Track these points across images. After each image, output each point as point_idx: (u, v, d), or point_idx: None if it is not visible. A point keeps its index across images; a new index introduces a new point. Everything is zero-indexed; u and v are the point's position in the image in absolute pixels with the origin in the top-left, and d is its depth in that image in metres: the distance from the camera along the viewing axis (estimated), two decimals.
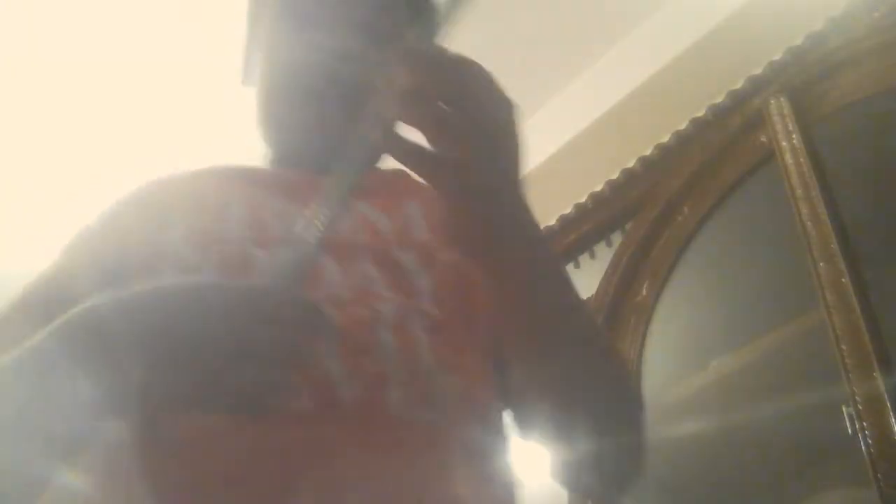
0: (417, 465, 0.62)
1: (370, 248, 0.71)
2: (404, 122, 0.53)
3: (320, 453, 0.59)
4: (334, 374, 0.62)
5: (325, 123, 0.77)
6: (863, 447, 1.14)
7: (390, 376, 0.63)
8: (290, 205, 0.72)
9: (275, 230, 0.70)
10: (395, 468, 0.61)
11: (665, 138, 1.93)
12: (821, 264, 1.35)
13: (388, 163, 0.69)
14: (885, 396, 1.16)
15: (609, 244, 1.92)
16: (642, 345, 1.65)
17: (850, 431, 1.17)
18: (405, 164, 0.55)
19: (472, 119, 0.53)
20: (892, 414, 1.14)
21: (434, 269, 0.71)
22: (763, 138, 1.65)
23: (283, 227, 0.70)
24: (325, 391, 0.61)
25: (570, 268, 1.98)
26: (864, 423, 1.16)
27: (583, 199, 2.04)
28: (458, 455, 0.64)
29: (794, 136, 1.56)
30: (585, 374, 0.65)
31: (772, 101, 1.65)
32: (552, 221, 2.08)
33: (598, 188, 2.01)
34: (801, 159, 1.51)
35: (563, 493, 1.20)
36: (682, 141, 1.87)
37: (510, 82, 0.58)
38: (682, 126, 1.90)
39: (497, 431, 0.72)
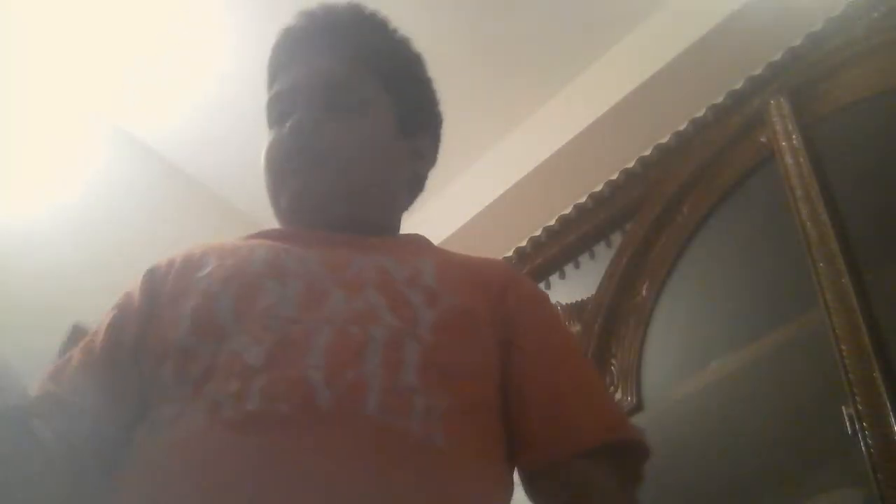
0: (386, 469, 0.63)
1: (379, 283, 0.77)
2: None
3: (291, 455, 0.62)
4: (314, 381, 0.66)
5: (298, 190, 0.89)
6: (863, 447, 1.14)
7: (370, 386, 0.67)
8: (304, 249, 0.83)
9: (290, 266, 0.79)
10: (362, 469, 0.63)
11: (665, 138, 1.93)
12: (821, 264, 1.35)
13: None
14: (885, 396, 1.16)
15: (609, 244, 1.92)
16: (642, 345, 1.65)
17: (850, 431, 1.17)
18: None
19: None
20: (892, 414, 1.14)
21: (438, 307, 0.75)
22: (763, 138, 1.65)
23: (297, 264, 0.79)
24: (303, 397, 0.65)
25: (570, 268, 1.98)
26: (864, 423, 1.15)
27: (583, 200, 2.04)
28: (431, 469, 0.65)
29: (794, 136, 1.56)
30: None
31: (772, 101, 1.65)
32: (552, 221, 2.08)
33: (598, 188, 2.01)
34: (801, 159, 1.51)
35: None
36: (682, 141, 1.87)
37: (509, 82, 0.58)
38: (682, 126, 1.90)
39: (489, 467, 0.73)
